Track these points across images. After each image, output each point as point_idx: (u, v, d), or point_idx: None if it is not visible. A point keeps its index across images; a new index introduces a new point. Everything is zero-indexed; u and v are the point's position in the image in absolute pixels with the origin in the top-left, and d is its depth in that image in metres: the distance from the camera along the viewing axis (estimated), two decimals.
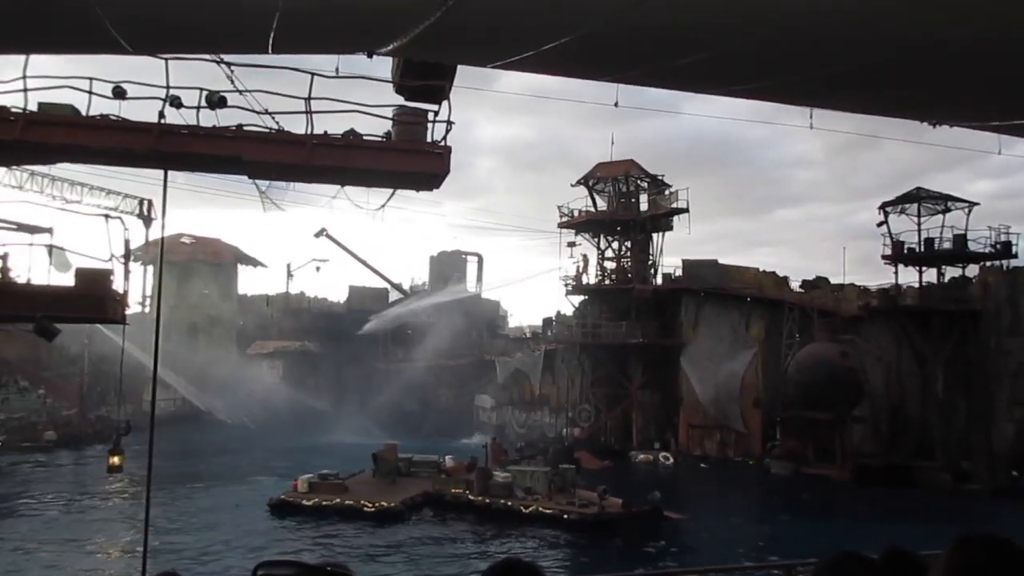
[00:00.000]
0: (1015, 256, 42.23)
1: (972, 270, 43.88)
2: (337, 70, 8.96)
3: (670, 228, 52.23)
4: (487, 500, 29.34)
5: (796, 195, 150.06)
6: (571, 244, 53.47)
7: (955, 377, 41.06)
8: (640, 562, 23.02)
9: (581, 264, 52.95)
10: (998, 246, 42.33)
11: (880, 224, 44.87)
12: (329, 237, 64.73)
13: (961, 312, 41.46)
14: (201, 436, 49.18)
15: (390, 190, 11.49)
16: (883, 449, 42.66)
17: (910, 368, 43.55)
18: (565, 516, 27.71)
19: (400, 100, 10.50)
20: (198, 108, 10.45)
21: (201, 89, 10.46)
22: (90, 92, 10.65)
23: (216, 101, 10.30)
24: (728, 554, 22.12)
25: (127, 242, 14.34)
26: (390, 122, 10.91)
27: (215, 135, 10.54)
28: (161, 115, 10.41)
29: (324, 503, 28.91)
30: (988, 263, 43.02)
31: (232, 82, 10.17)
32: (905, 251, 44.38)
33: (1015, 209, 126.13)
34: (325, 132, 10.86)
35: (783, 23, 2.65)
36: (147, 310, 51.80)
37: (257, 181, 11.71)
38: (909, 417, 43.36)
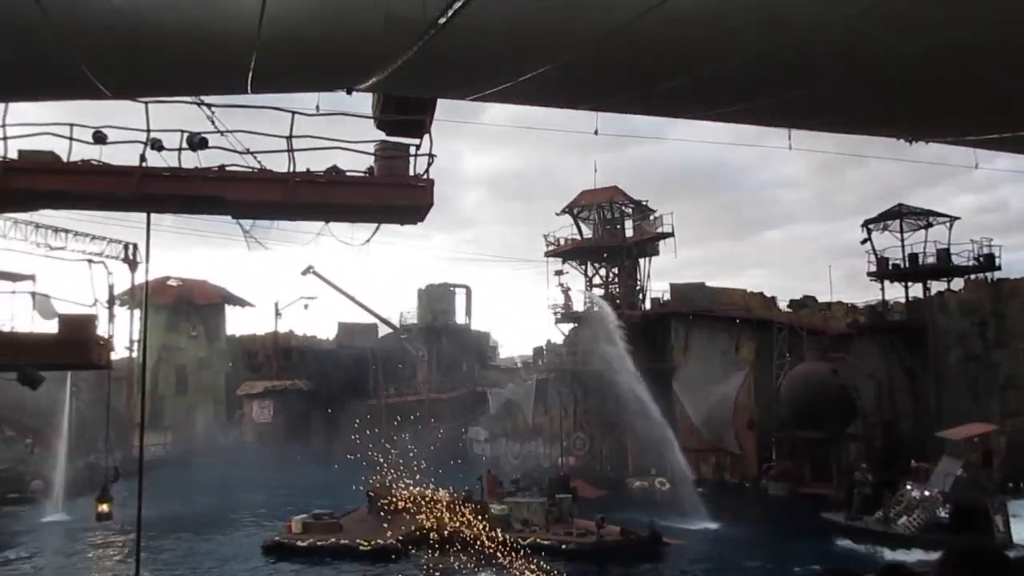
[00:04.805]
0: (998, 268, 42.59)
1: (957, 283, 44.21)
2: (318, 107, 8.98)
3: (656, 253, 52.48)
4: None
5: (782, 216, 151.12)
6: (558, 272, 53.61)
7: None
8: None
9: (564, 294, 53.08)
10: (981, 259, 42.68)
11: (864, 241, 45.25)
12: (316, 274, 64.47)
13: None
14: (192, 479, 48.46)
15: (375, 224, 11.49)
16: (878, 465, 42.54)
17: (901, 383, 43.68)
18: (563, 546, 27.37)
19: (382, 135, 10.57)
20: (179, 150, 10.46)
21: (182, 131, 10.48)
22: (71, 138, 10.65)
23: (197, 142, 10.32)
24: None
25: (111, 287, 14.27)
26: (372, 157, 10.96)
27: (197, 176, 10.54)
28: (142, 158, 10.40)
29: (319, 543, 28.46)
30: (973, 276, 43.34)
31: (213, 123, 10.19)
32: (890, 267, 44.70)
33: (997, 222, 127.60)
34: (308, 169, 10.88)
35: (758, 48, 2.68)
36: (134, 355, 51.29)
37: (241, 220, 11.68)
38: (903, 432, 43.39)
